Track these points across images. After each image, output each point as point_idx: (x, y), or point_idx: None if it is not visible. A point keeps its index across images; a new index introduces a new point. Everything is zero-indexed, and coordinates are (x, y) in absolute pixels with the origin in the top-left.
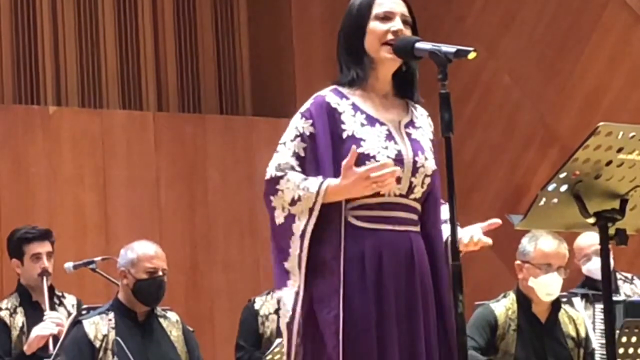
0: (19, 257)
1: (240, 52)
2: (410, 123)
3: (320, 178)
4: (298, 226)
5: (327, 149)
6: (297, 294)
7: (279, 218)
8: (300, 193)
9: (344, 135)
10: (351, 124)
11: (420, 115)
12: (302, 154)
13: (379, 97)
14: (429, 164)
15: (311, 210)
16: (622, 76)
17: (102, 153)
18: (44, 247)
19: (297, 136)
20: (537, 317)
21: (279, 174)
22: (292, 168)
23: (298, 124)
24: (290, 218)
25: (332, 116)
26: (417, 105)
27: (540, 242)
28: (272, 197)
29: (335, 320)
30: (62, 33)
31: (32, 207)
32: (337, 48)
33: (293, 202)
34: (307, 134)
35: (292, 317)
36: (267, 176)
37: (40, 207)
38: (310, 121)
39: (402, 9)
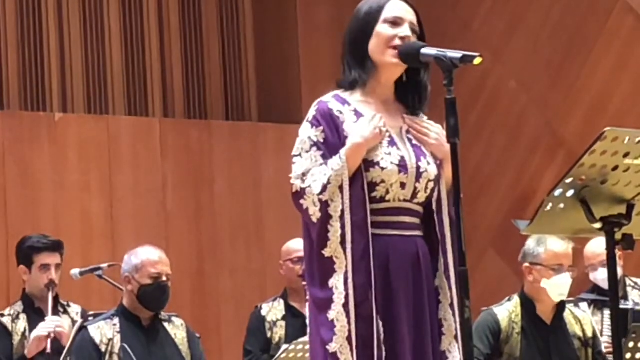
0: (27, 265)
1: (246, 57)
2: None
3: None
4: (335, 207)
5: (337, 153)
6: (346, 273)
7: (315, 214)
8: (328, 174)
9: (347, 141)
10: (352, 129)
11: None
12: (322, 162)
13: (380, 102)
14: (432, 169)
15: (341, 187)
16: (628, 81)
17: (108, 159)
18: (53, 259)
19: (312, 145)
20: (541, 319)
21: (304, 177)
22: (309, 171)
23: (310, 133)
24: (324, 205)
25: (334, 123)
26: (418, 112)
27: (550, 244)
28: (302, 201)
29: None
30: (68, 39)
31: (38, 213)
32: (342, 49)
33: (324, 189)
34: (321, 141)
35: (347, 297)
36: (294, 189)
37: (47, 213)
38: (321, 128)
39: (411, 17)
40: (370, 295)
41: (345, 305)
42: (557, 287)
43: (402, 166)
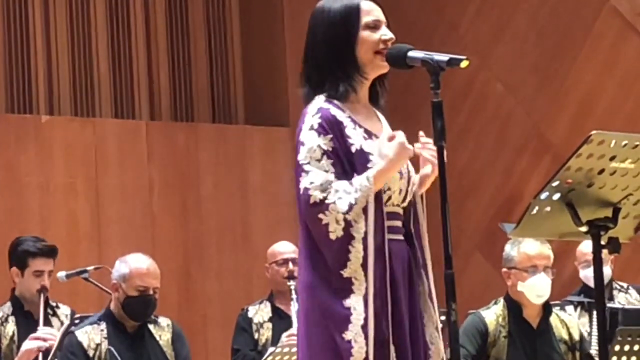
0: (20, 268)
1: (232, 60)
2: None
3: (362, 175)
4: (358, 229)
5: (346, 161)
6: (366, 295)
7: (336, 232)
8: (357, 195)
9: (353, 149)
10: (355, 138)
11: (384, 121)
12: (333, 170)
13: (361, 106)
14: (413, 173)
15: (365, 209)
16: (614, 84)
17: (94, 162)
18: (47, 265)
19: (323, 154)
20: (528, 322)
21: (323, 189)
22: (331, 184)
23: (319, 141)
24: (348, 225)
25: (339, 129)
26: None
27: (522, 246)
28: (322, 215)
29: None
30: (55, 42)
31: (24, 216)
32: (315, 59)
33: (350, 208)
34: (330, 149)
35: (366, 319)
36: (312, 200)
37: (33, 216)
38: (329, 136)
39: (383, 16)
40: (386, 320)
41: (364, 327)
42: (533, 288)
43: (400, 172)
